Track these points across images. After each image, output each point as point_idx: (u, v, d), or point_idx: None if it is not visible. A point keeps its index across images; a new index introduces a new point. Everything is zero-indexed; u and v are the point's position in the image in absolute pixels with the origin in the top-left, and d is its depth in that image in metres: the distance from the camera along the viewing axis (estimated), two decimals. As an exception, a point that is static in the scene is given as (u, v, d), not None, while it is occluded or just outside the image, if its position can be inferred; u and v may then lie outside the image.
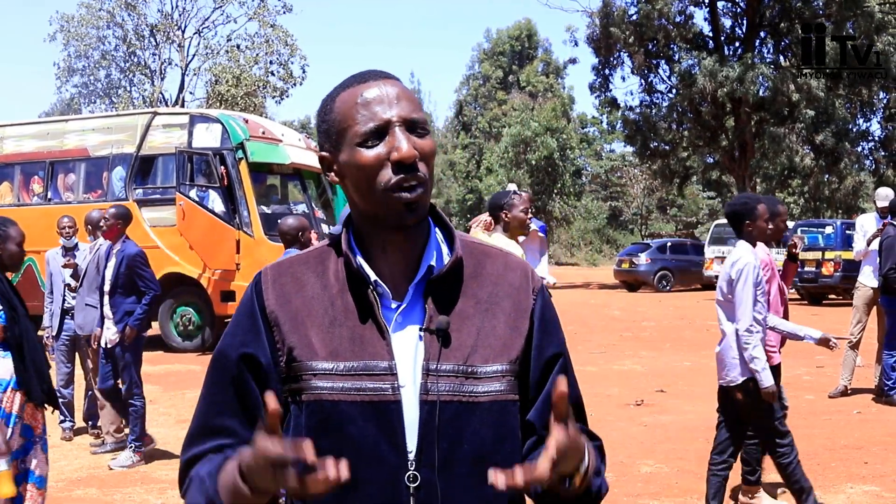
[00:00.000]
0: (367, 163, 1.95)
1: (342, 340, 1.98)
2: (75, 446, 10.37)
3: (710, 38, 43.63)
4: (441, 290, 2.04)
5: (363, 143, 1.96)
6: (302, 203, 19.46)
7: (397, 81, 2.05)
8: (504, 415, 2.03)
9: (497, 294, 2.09)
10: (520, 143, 64.72)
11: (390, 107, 1.98)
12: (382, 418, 1.93)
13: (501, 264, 2.15)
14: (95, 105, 57.92)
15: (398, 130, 1.96)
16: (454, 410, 1.96)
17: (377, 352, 1.96)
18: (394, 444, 1.93)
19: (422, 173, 1.96)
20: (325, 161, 2.08)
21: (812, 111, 39.24)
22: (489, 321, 2.05)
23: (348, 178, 2.01)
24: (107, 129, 19.44)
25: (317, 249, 2.13)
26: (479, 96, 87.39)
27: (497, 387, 2.01)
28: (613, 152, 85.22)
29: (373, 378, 1.94)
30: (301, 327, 2.00)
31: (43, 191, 19.74)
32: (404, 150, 1.93)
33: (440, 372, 1.97)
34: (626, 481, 8.49)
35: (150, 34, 55.49)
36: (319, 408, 1.94)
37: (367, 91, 2.00)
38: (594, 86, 46.15)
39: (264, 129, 19.01)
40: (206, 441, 2.01)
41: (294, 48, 52.82)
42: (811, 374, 14.46)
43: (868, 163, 48.81)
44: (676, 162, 45.86)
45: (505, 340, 2.05)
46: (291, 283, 2.06)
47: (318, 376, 1.95)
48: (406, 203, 1.94)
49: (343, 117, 2.01)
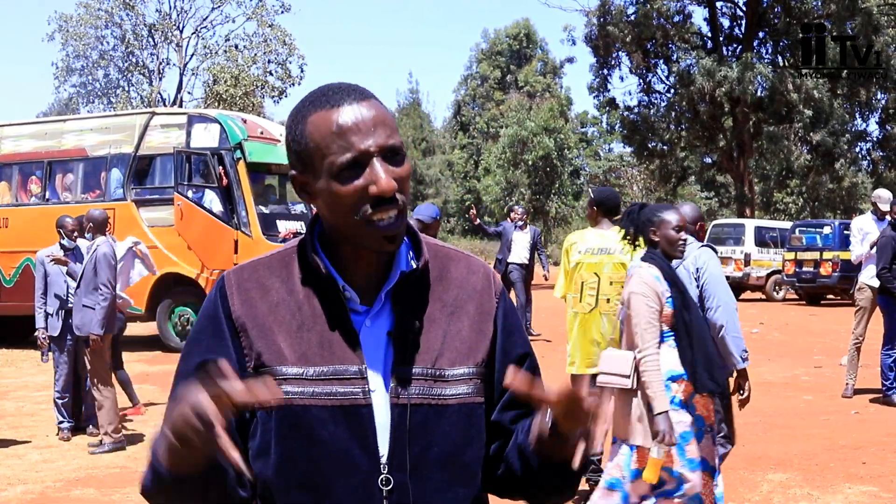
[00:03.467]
0: (344, 195, 1.90)
1: (311, 345, 1.96)
2: (73, 446, 10.36)
3: (708, 38, 43.73)
4: (408, 294, 2.04)
5: (339, 175, 1.90)
6: (300, 203, 19.43)
7: (372, 101, 1.97)
8: (471, 417, 2.04)
9: (461, 297, 2.09)
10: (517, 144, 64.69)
11: (367, 135, 1.91)
12: (354, 422, 1.93)
13: (465, 267, 2.15)
14: (94, 105, 57.85)
15: (376, 162, 1.90)
16: (424, 413, 1.97)
17: (347, 356, 1.95)
18: (365, 448, 1.93)
19: (400, 202, 1.93)
20: (297, 182, 2.02)
21: (810, 111, 39.27)
22: (454, 324, 2.06)
23: (322, 202, 1.96)
24: (105, 129, 19.42)
25: (279, 253, 2.10)
26: (477, 96, 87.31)
27: (464, 389, 2.02)
28: (612, 152, 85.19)
29: (343, 382, 1.94)
30: (268, 332, 1.98)
31: (41, 191, 19.71)
32: (383, 184, 1.88)
33: (409, 375, 1.97)
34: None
35: (149, 34, 55.45)
36: (290, 412, 1.92)
37: (341, 117, 1.92)
38: (592, 86, 46.17)
39: (262, 130, 19.00)
40: None
41: (292, 48, 52.80)
42: (810, 374, 14.47)
43: (866, 163, 48.86)
44: (674, 162, 45.88)
45: (470, 344, 2.06)
46: (256, 287, 2.02)
47: (288, 381, 1.93)
48: (385, 236, 1.92)
49: (316, 145, 1.93)
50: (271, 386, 1.71)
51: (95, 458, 9.73)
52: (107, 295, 10.02)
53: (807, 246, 28.29)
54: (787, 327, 21.64)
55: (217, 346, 1.99)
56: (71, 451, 10.18)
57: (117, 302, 10.47)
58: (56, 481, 8.78)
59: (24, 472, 9.17)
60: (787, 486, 8.26)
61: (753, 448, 9.69)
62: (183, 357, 2.06)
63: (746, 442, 9.85)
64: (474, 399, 2.04)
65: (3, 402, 11.16)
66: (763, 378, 14.12)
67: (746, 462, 9.02)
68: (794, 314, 25.69)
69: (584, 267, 7.75)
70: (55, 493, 8.36)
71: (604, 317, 7.67)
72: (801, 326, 22.04)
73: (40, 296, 10.74)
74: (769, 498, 7.97)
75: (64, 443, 10.52)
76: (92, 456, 9.84)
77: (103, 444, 10.01)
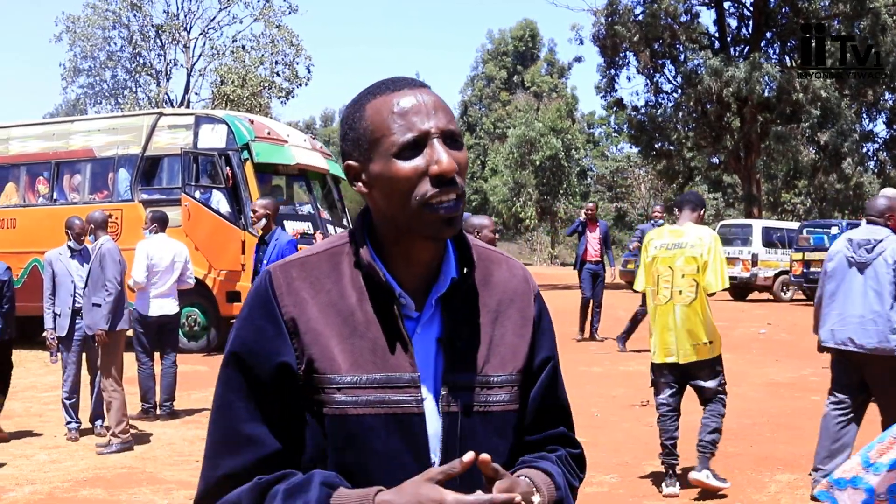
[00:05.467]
0: (404, 175, 1.89)
1: (364, 352, 1.94)
2: (81, 447, 10.37)
3: (716, 38, 43.61)
4: (456, 300, 2.02)
5: (399, 154, 1.90)
6: (307, 204, 19.44)
7: (431, 90, 1.99)
8: (509, 424, 2.05)
9: (504, 302, 2.10)
10: (525, 144, 64.71)
11: (428, 117, 1.92)
12: (406, 431, 1.92)
13: (506, 270, 2.15)
14: (101, 106, 57.86)
15: (437, 143, 1.91)
16: (473, 421, 1.97)
17: (400, 364, 1.94)
18: (418, 458, 1.92)
19: (460, 187, 1.92)
20: (353, 171, 2.01)
21: (818, 111, 39.21)
22: (499, 329, 2.06)
23: (379, 189, 1.95)
24: (112, 129, 19.43)
25: (326, 251, 2.05)
26: (483, 97, 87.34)
27: (505, 397, 2.03)
28: (621, 152, 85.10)
29: (396, 391, 1.92)
30: (321, 337, 1.94)
31: (48, 191, 19.73)
32: (445, 164, 1.88)
33: (459, 383, 1.97)
34: (631, 482, 8.49)
35: (156, 35, 55.46)
36: (344, 422, 1.91)
37: (402, 99, 1.94)
38: (600, 86, 46.09)
39: (270, 130, 18.99)
40: (239, 453, 1.94)
41: (299, 49, 52.75)
42: (817, 375, 14.42)
43: (873, 163, 48.77)
44: (681, 162, 45.81)
45: (514, 349, 2.06)
46: (307, 288, 1.98)
47: (342, 390, 1.91)
48: (445, 219, 1.90)
49: (376, 126, 1.93)
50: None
51: (103, 459, 9.74)
52: (112, 291, 10.08)
53: (814, 246, 28.21)
54: (795, 328, 21.57)
55: (284, 348, 1.95)
56: (79, 451, 10.19)
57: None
58: (64, 482, 8.79)
59: (31, 472, 9.18)
60: (795, 487, 8.26)
61: (761, 449, 9.69)
62: (242, 358, 1.98)
63: (754, 443, 9.86)
64: (512, 406, 2.06)
65: (11, 402, 11.18)
66: (770, 379, 14.12)
67: (754, 463, 9.02)
68: (802, 314, 25.55)
69: (659, 261, 8.08)
70: (63, 494, 8.37)
71: (677, 307, 7.96)
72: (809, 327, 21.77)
73: (48, 296, 10.76)
74: (777, 498, 7.96)
75: (72, 443, 10.53)
76: (100, 456, 9.86)
77: (111, 445, 10.03)
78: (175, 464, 9.46)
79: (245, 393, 1.96)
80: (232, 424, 1.96)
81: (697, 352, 7.95)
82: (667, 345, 7.99)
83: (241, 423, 1.95)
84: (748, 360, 16.16)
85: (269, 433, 1.94)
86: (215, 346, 17.69)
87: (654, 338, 8.12)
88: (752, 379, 14.26)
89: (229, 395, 1.98)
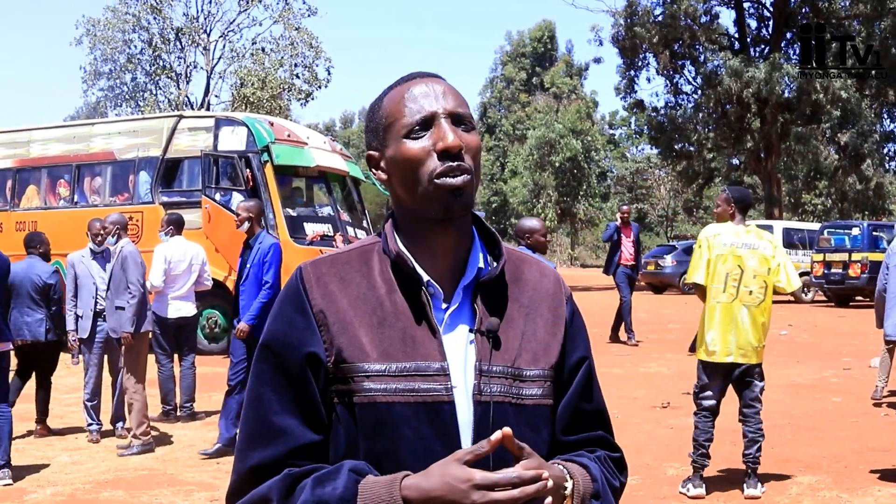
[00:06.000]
0: (413, 154, 1.97)
1: (393, 341, 1.96)
2: (102, 448, 10.41)
3: (735, 39, 43.54)
4: (488, 293, 2.05)
5: (409, 134, 1.99)
6: (327, 206, 19.46)
7: (444, 80, 2.09)
8: (542, 419, 2.06)
9: (536, 299, 2.12)
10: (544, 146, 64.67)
11: (437, 100, 2.01)
12: (436, 419, 1.93)
13: (537, 271, 2.18)
14: (121, 108, 57.99)
15: (444, 122, 1.98)
16: (505, 411, 1.98)
17: (429, 353, 1.96)
18: (448, 445, 1.91)
19: (467, 163, 1.98)
20: (373, 160, 2.10)
21: (838, 111, 39.08)
22: (531, 325, 2.08)
23: (394, 174, 2.03)
24: (133, 132, 19.50)
25: (357, 249, 2.11)
26: (502, 99, 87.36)
27: (539, 391, 2.05)
28: (641, 153, 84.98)
29: (425, 379, 1.94)
30: (349, 328, 1.97)
31: (69, 194, 19.82)
32: (450, 140, 1.95)
33: (491, 373, 1.98)
34: (652, 483, 8.47)
35: (176, 38, 55.60)
36: (373, 410, 1.93)
37: (414, 87, 2.04)
38: (619, 87, 46.04)
39: (290, 132, 19.01)
40: (269, 445, 1.96)
41: (319, 51, 52.83)
42: (838, 376, 14.39)
43: (894, 164, 48.56)
44: (701, 163, 45.71)
45: (545, 345, 2.08)
46: (336, 282, 2.02)
47: (371, 378, 1.93)
48: (451, 189, 1.95)
49: (390, 112, 2.04)
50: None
51: (124, 461, 9.77)
52: (136, 293, 10.12)
53: (835, 247, 28.15)
54: (816, 329, 21.53)
55: (313, 339, 1.98)
56: (100, 453, 10.22)
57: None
58: (85, 483, 8.82)
59: (53, 474, 9.22)
60: (817, 489, 8.22)
61: (782, 450, 9.65)
62: (274, 351, 2.01)
63: (775, 444, 9.82)
64: (546, 401, 2.07)
65: (31, 404, 11.23)
66: (792, 380, 14.07)
67: (775, 464, 8.98)
68: (823, 316, 25.56)
69: (729, 259, 7.97)
70: (84, 495, 8.39)
71: (744, 307, 7.92)
72: (830, 328, 21.93)
73: (71, 298, 10.82)
74: (798, 500, 7.93)
75: (93, 445, 10.56)
76: (121, 458, 9.88)
77: (132, 447, 10.05)
78: (195, 465, 9.49)
79: (276, 385, 1.99)
80: (263, 417, 1.99)
81: (757, 353, 7.99)
82: (727, 344, 7.92)
83: (271, 416, 1.97)
84: (769, 362, 16.01)
85: (301, 425, 1.97)
86: (236, 347, 17.71)
87: (711, 335, 7.98)
88: (773, 380, 14.19)
89: (260, 387, 2.01)
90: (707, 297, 8.10)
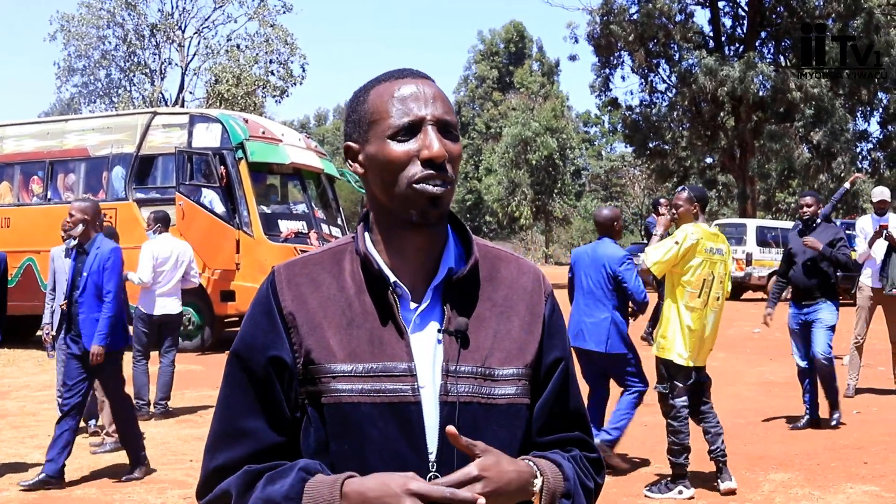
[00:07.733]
0: (396, 156, 1.96)
1: (360, 342, 1.97)
2: (75, 446, 10.32)
3: (710, 38, 43.65)
4: (458, 293, 2.04)
5: (394, 136, 1.97)
6: (302, 203, 19.43)
7: (433, 83, 2.06)
8: (517, 418, 2.05)
9: (512, 297, 2.11)
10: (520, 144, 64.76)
11: (426, 105, 1.99)
12: (403, 420, 1.93)
13: (515, 268, 2.17)
14: (95, 105, 57.76)
15: (431, 129, 1.97)
16: (473, 412, 1.98)
17: (396, 353, 1.96)
18: (414, 446, 1.93)
19: (449, 174, 1.97)
20: (351, 151, 2.07)
21: (811, 110, 39.27)
22: (505, 324, 2.07)
23: (373, 171, 2.01)
24: (107, 128, 19.44)
25: (330, 249, 2.11)
26: (476, 97, 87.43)
27: (513, 390, 2.03)
28: (615, 151, 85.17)
29: (392, 379, 1.94)
30: (318, 329, 1.98)
31: (43, 191, 19.73)
32: (435, 149, 1.94)
33: (459, 373, 1.98)
34: (626, 481, 8.49)
35: (151, 34, 55.40)
36: (340, 411, 1.93)
37: (404, 87, 2.01)
38: (594, 85, 46.11)
39: (264, 129, 19.00)
40: (233, 446, 1.99)
41: (294, 47, 52.79)
42: (811, 373, 14.44)
43: (866, 163, 48.79)
44: (675, 161, 45.84)
45: (521, 344, 2.07)
46: (307, 283, 2.03)
47: (338, 378, 1.94)
48: (430, 197, 1.94)
49: (376, 109, 2.01)
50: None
51: (97, 458, 9.74)
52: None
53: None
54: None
55: (277, 342, 1.99)
56: (73, 450, 10.16)
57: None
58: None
59: (25, 471, 9.16)
60: (789, 486, 8.26)
61: (755, 448, 9.70)
62: (241, 354, 2.04)
63: (748, 442, 9.87)
64: (521, 400, 2.06)
65: (5, 401, 11.16)
66: (765, 378, 14.14)
67: (748, 462, 9.03)
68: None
69: (706, 265, 7.94)
70: (57, 493, 8.36)
71: (712, 313, 7.99)
72: (803, 326, 21.96)
73: (49, 291, 10.81)
74: (771, 498, 7.97)
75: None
76: (93, 455, 9.85)
77: (105, 444, 10.01)
78: (169, 463, 9.45)
79: (244, 388, 2.01)
80: (230, 418, 2.02)
81: (709, 356, 8.13)
82: (695, 349, 7.93)
83: (239, 417, 2.00)
84: (742, 360, 16.19)
85: (267, 427, 1.99)
86: (210, 345, 17.71)
87: (683, 340, 7.91)
88: (746, 378, 14.29)
89: (228, 389, 2.04)
90: (676, 297, 8.00)
